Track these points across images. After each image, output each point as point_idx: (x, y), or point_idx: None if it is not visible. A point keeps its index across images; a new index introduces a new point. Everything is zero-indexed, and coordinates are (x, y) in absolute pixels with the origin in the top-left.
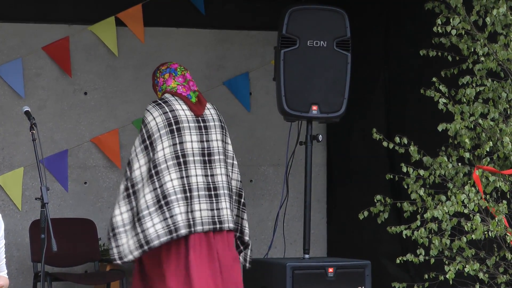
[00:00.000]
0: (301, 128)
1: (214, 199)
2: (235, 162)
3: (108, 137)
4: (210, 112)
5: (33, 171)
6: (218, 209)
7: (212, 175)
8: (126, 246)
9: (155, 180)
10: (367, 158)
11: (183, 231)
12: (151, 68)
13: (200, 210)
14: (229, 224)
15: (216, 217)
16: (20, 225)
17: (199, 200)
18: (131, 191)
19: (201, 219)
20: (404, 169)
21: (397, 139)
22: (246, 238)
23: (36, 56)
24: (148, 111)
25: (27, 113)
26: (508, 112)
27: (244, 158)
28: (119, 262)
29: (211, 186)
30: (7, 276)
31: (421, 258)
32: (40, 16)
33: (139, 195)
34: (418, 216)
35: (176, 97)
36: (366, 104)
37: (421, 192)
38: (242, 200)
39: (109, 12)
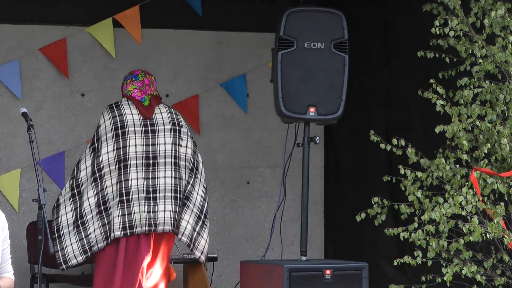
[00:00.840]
0: (299, 130)
1: (152, 201)
2: (188, 164)
3: None
4: (162, 116)
5: (30, 172)
6: (154, 211)
7: (153, 178)
8: (71, 250)
9: (98, 183)
10: (365, 159)
11: (117, 233)
12: (148, 70)
13: (140, 212)
14: (164, 226)
15: (152, 220)
16: (17, 227)
17: (139, 203)
18: (76, 191)
19: (140, 221)
20: (402, 171)
21: (395, 141)
22: (179, 236)
23: (33, 58)
24: (102, 114)
25: (24, 114)
26: (506, 114)
27: (241, 160)
28: (63, 267)
29: (151, 189)
30: (12, 277)
31: (419, 260)
32: (38, 18)
33: (83, 196)
34: (416, 218)
35: (129, 101)
36: (364, 105)
37: (419, 194)
38: (187, 202)
39: (107, 14)
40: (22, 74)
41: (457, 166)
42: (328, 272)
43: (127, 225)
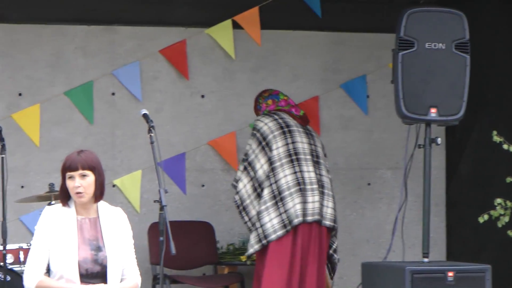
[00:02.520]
0: (420, 131)
1: (322, 195)
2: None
3: (225, 140)
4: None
5: (151, 173)
6: (323, 205)
7: (320, 175)
8: (251, 242)
9: (271, 176)
10: (487, 161)
11: (295, 221)
12: (267, 71)
13: (313, 202)
14: (330, 222)
15: (322, 212)
16: (138, 228)
17: (312, 193)
18: (259, 190)
19: (313, 210)
20: None
21: None
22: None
23: (153, 59)
24: (259, 120)
25: (145, 116)
26: None
27: (361, 161)
28: (246, 258)
29: (320, 183)
30: (136, 280)
31: None
32: (157, 19)
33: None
34: None
35: (280, 112)
36: (486, 106)
37: None
38: None
39: (226, 15)
40: (142, 76)
41: None
42: (450, 274)
43: (307, 212)
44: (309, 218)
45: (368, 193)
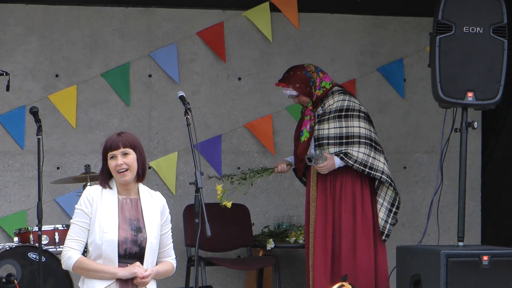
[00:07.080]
0: (456, 115)
1: None
2: None
3: (262, 123)
4: None
5: (187, 156)
6: None
7: None
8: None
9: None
10: None
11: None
12: (305, 54)
13: None
14: None
15: None
16: (174, 210)
17: None
18: None
19: None
20: None
21: None
22: None
23: (190, 42)
24: (348, 100)
25: (181, 98)
26: None
27: (397, 145)
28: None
29: None
30: (173, 262)
31: None
32: (195, 2)
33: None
34: None
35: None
36: None
37: None
38: None
39: None
40: (179, 58)
41: None
42: (485, 258)
43: None
44: None
45: (404, 176)
